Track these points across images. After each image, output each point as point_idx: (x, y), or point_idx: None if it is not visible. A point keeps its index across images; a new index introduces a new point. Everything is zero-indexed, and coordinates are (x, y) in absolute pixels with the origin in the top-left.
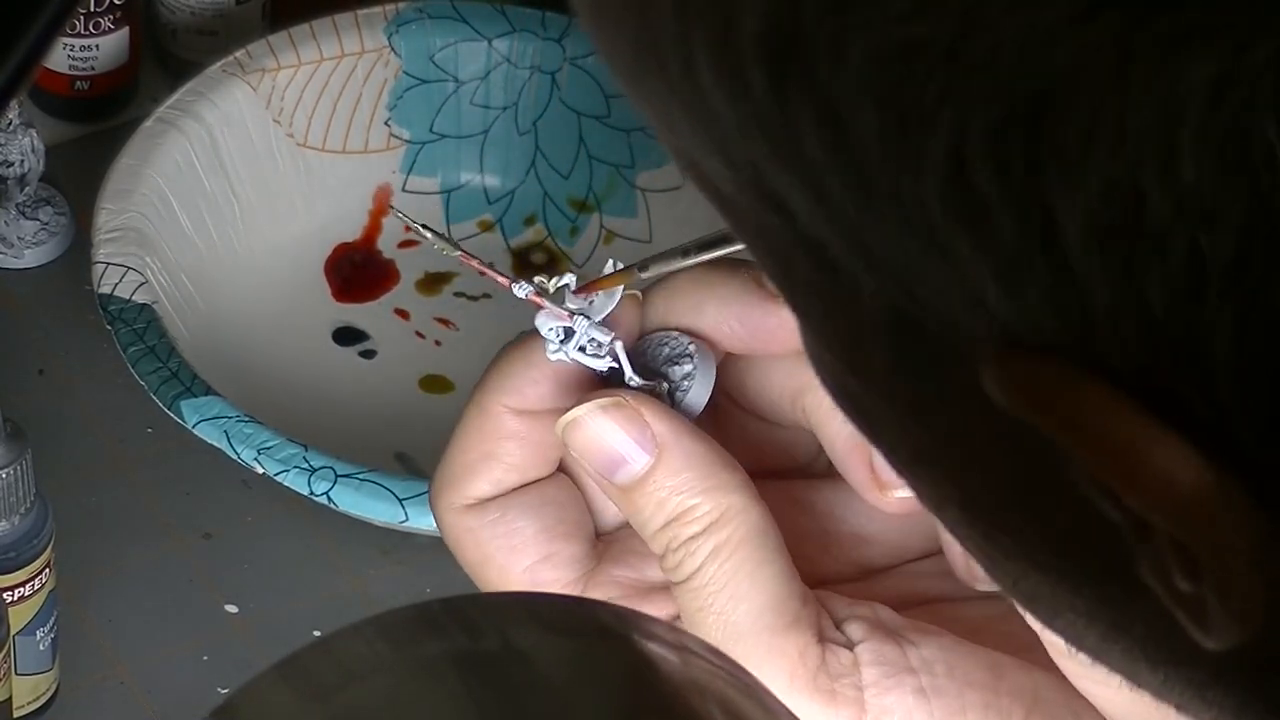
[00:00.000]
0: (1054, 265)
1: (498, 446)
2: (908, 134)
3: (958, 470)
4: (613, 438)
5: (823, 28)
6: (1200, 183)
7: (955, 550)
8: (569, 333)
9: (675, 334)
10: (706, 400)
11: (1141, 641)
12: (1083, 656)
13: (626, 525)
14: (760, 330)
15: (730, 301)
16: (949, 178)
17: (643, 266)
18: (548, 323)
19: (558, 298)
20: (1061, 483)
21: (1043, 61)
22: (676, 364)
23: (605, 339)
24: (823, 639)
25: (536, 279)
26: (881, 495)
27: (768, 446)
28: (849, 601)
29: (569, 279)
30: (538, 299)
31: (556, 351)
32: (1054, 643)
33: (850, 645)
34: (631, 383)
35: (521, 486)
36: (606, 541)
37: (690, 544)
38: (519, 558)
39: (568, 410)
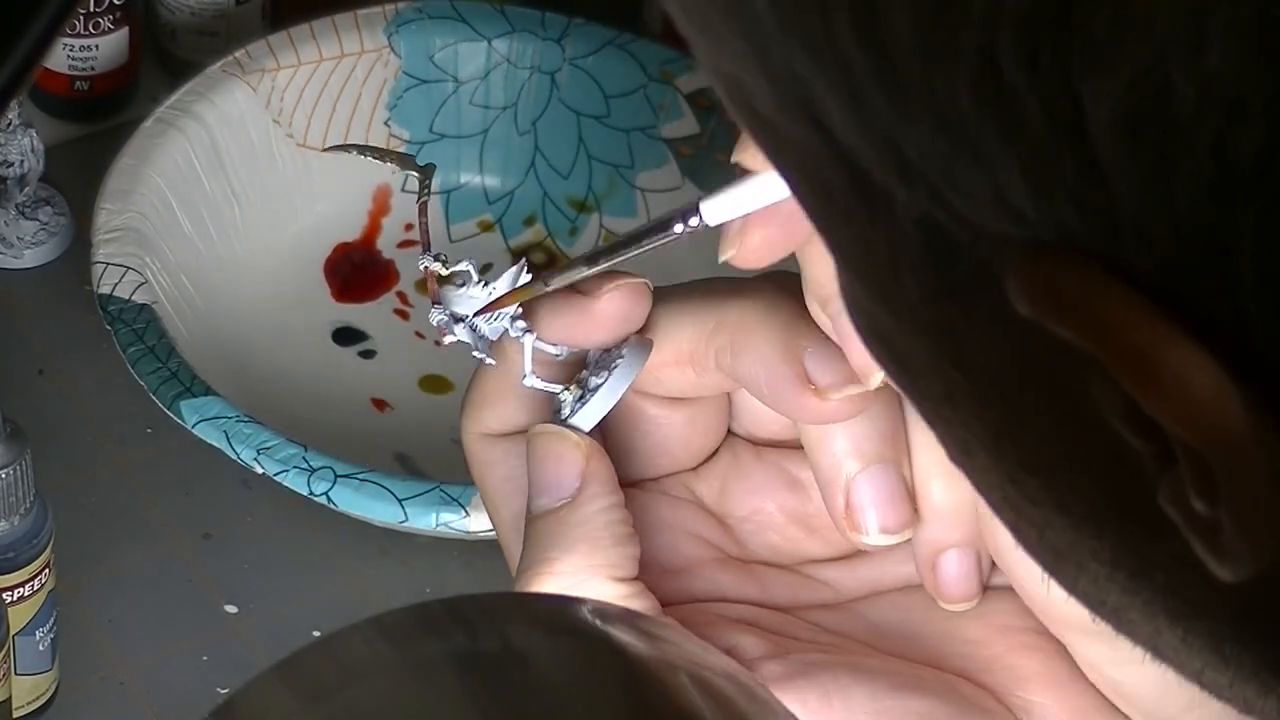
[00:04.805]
0: (1081, 160)
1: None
2: (941, 25)
3: (987, 406)
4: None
5: None
6: (1226, 69)
7: (925, 568)
8: (456, 318)
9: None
10: (602, 416)
11: (1162, 592)
12: (1106, 629)
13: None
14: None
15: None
16: (980, 69)
17: (546, 280)
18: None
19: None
20: (1088, 414)
21: None
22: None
23: (553, 350)
24: None
25: (434, 258)
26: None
27: (764, 415)
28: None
29: (467, 265)
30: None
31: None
32: (1080, 623)
33: None
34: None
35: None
36: None
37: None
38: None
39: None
